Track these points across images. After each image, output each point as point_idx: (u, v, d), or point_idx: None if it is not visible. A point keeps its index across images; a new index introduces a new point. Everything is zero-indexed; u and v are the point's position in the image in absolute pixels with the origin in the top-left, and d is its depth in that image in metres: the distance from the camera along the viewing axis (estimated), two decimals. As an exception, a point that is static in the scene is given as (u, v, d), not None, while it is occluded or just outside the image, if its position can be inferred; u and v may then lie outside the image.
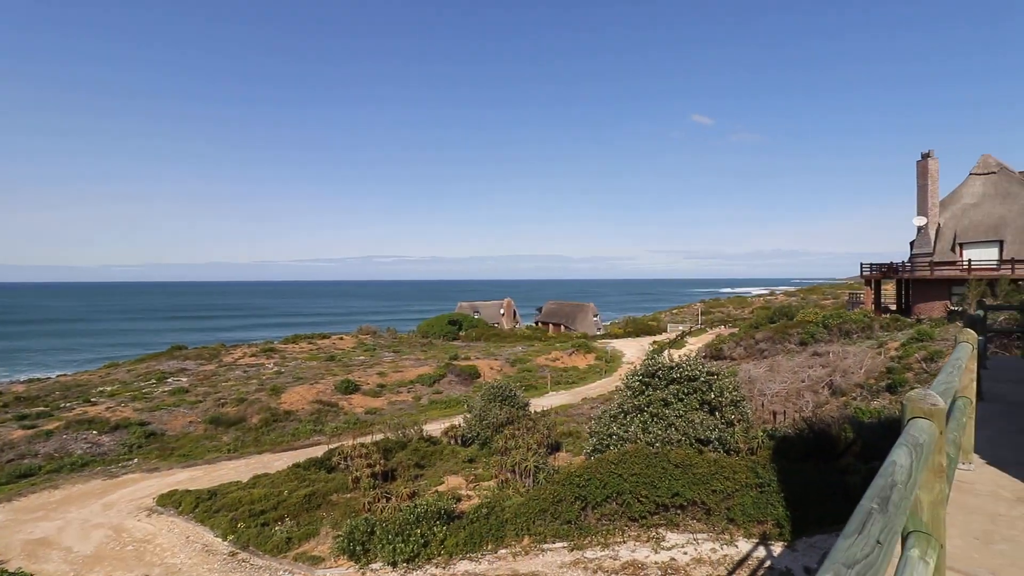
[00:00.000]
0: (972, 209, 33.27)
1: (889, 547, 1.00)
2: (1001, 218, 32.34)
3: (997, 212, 32.67)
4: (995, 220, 32.48)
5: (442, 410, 25.96)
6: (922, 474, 1.68)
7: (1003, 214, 32.37)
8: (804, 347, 20.31)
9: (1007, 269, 28.73)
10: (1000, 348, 16.26)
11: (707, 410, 10.32)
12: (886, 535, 0.99)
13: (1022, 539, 2.70)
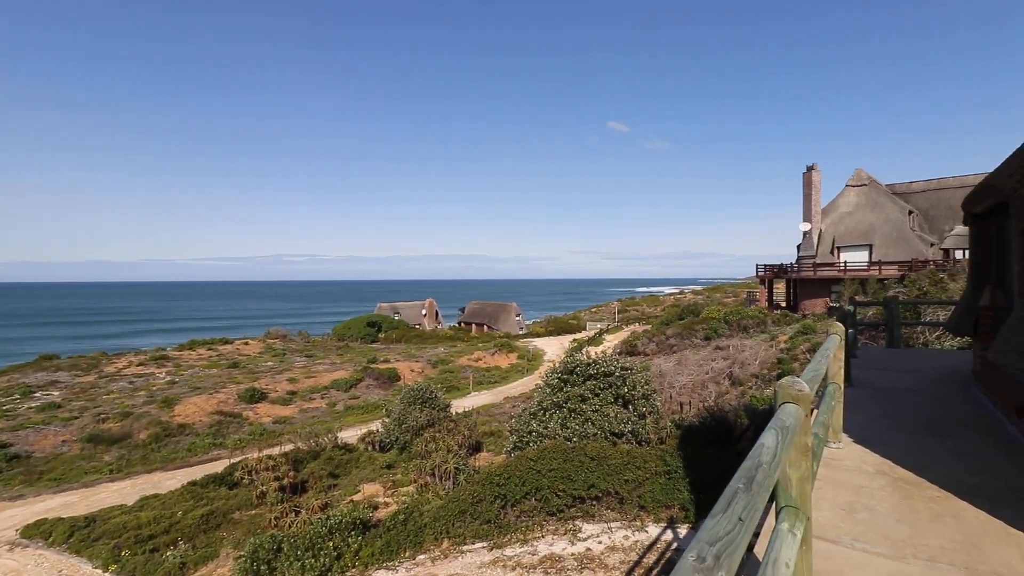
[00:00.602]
0: (847, 217, 37.89)
1: (750, 523, 1.09)
2: (871, 225, 37.15)
3: (868, 220, 37.49)
4: (866, 227, 37.26)
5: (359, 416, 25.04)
6: (790, 453, 1.87)
7: (872, 221, 37.21)
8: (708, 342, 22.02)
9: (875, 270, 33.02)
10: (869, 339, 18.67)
11: (621, 404, 10.83)
12: (748, 512, 1.08)
13: (879, 508, 3.09)
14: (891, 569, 2.44)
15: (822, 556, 2.53)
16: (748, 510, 1.07)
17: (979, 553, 2.59)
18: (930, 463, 3.80)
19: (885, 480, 3.46)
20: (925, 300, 12.50)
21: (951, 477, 3.56)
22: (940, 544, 2.66)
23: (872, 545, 2.65)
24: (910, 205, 38.35)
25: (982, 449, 4.13)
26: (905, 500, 3.16)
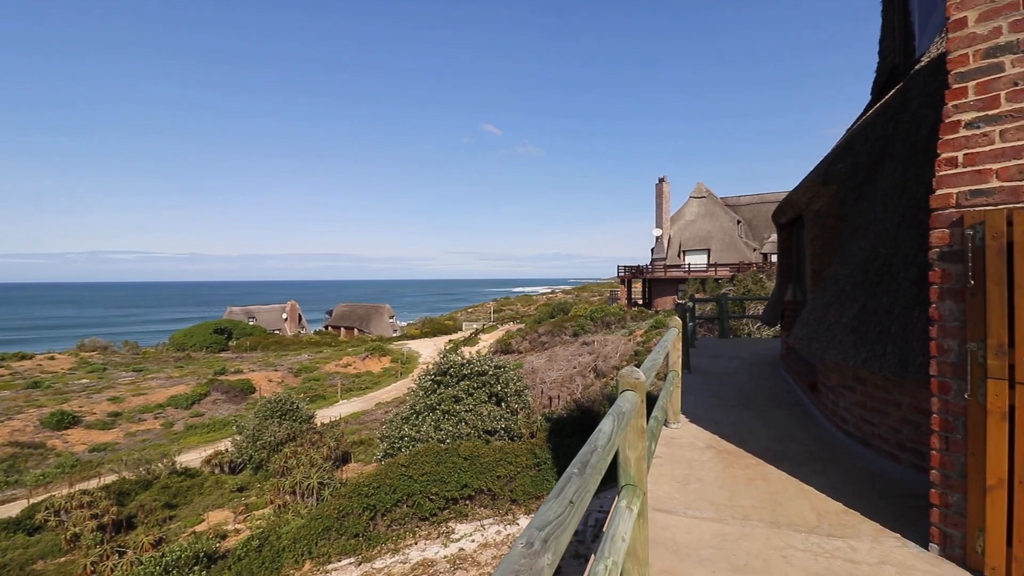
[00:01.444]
0: (691, 224, 43.29)
1: (581, 504, 1.17)
2: (709, 232, 42.89)
3: (707, 228, 43.22)
4: (705, 233, 42.94)
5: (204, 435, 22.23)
6: (628, 436, 2.06)
7: (710, 229, 42.98)
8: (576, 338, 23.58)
9: (713, 271, 38.15)
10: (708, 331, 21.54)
11: (495, 402, 11.08)
12: (579, 494, 1.16)
13: (707, 478, 3.57)
14: (714, 530, 2.83)
15: (660, 526, 2.85)
16: (580, 492, 1.15)
17: (780, 508, 3.12)
18: (747, 435, 4.49)
19: (712, 453, 4.01)
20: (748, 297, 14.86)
21: (763, 446, 4.24)
22: (752, 504, 3.15)
23: (700, 511, 3.05)
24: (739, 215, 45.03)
25: (786, 420, 4.99)
26: (727, 469, 3.70)
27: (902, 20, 6.13)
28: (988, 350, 2.41)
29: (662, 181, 42.30)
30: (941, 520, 2.62)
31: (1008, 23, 2.56)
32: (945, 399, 2.59)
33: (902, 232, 4.01)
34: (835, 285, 4.64)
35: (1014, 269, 2.36)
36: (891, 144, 5.06)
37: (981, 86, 2.62)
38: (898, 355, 3.53)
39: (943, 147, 2.70)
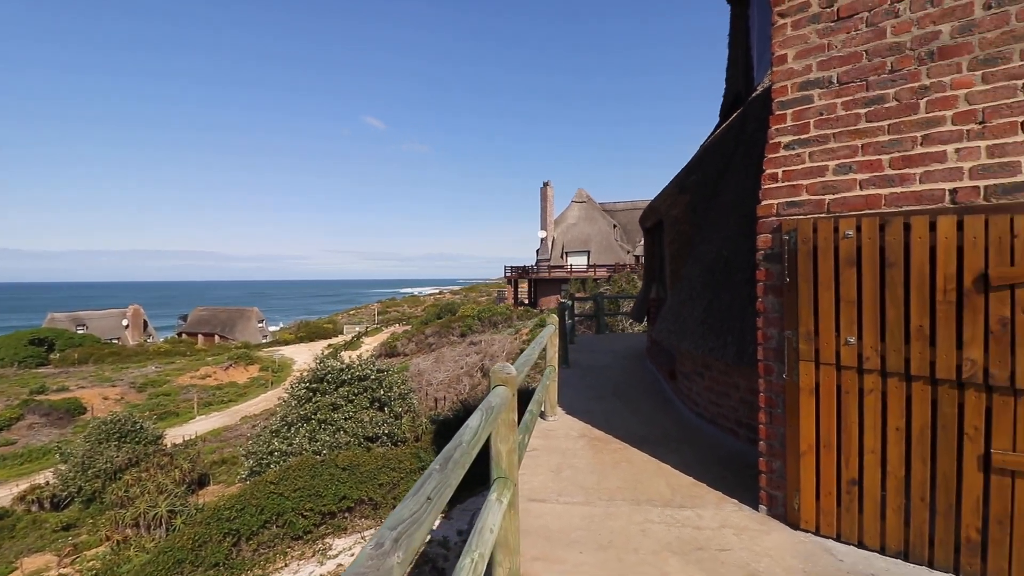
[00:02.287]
0: (573, 227, 45.79)
1: (440, 499, 1.18)
2: (589, 235, 45.71)
3: (587, 231, 46.02)
4: (585, 236, 45.69)
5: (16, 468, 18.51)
6: (499, 430, 2.12)
7: (590, 232, 45.82)
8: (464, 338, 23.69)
9: (592, 271, 40.71)
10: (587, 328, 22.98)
11: (377, 407, 10.70)
12: (439, 490, 1.17)
13: (579, 465, 3.80)
14: (583, 513, 3.02)
15: (534, 515, 2.98)
16: (439, 488, 1.16)
17: (641, 486, 3.43)
18: (617, 422, 4.87)
19: (585, 441, 4.28)
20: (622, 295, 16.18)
21: (630, 431, 4.62)
22: (617, 485, 3.43)
23: (572, 497, 3.24)
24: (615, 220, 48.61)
25: (650, 406, 5.49)
26: (597, 455, 3.98)
27: (744, 54, 7.07)
28: (800, 337, 2.88)
29: (546, 185, 44.20)
30: (767, 484, 3.07)
31: (816, 62, 3.07)
32: (769, 380, 3.05)
33: (740, 238, 4.63)
34: (688, 284, 5.22)
35: (818, 269, 2.85)
36: (733, 160, 5.81)
37: (796, 114, 3.11)
38: (736, 344, 4.07)
39: (767, 164, 3.17)
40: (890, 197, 2.72)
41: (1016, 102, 2.49)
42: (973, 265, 2.43)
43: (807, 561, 2.54)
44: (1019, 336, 2.33)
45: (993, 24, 2.55)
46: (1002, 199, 2.45)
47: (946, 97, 2.65)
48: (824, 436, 2.82)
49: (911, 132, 2.71)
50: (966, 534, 2.46)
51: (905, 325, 2.58)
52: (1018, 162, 2.45)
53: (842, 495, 2.76)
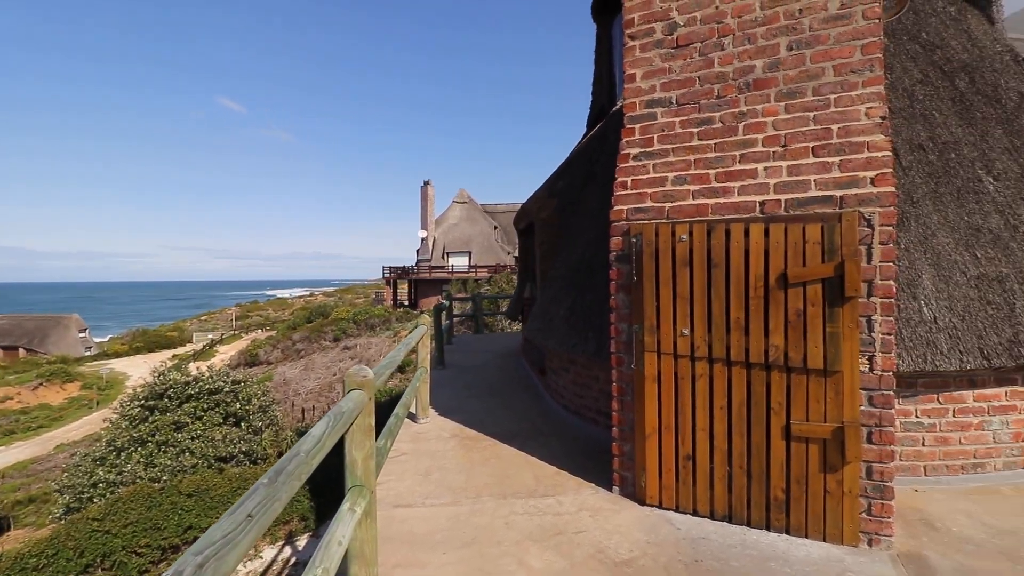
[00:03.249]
0: (454, 228, 45.82)
1: (265, 516, 1.09)
2: (470, 236, 46.09)
3: (468, 231, 46.35)
4: (467, 237, 46.00)
5: None
6: (354, 436, 2.03)
7: (471, 233, 46.22)
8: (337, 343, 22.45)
9: (473, 272, 41.09)
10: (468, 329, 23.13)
11: (232, 423, 9.67)
12: (263, 507, 1.07)
13: (449, 466, 3.79)
14: (449, 513, 3.03)
15: (399, 520, 2.91)
16: (264, 504, 1.07)
17: (508, 480, 3.53)
18: (489, 420, 4.96)
19: (456, 441, 4.30)
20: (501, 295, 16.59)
21: (501, 427, 4.74)
22: (485, 482, 3.49)
23: (439, 498, 3.23)
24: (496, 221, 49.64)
25: (522, 402, 5.68)
26: (467, 454, 4.01)
27: (608, 70, 7.63)
28: (644, 330, 3.19)
29: (427, 184, 43.69)
30: (619, 466, 3.35)
31: (660, 83, 3.40)
32: (620, 370, 3.33)
33: (602, 240, 4.99)
34: (556, 283, 5.51)
35: (659, 269, 3.17)
36: (596, 168, 6.25)
37: (643, 128, 3.43)
38: (596, 340, 4.38)
39: (619, 173, 3.45)
40: (715, 206, 3.12)
41: (809, 130, 3.00)
42: (776, 266, 2.88)
43: (650, 533, 2.82)
44: (809, 325, 2.82)
45: (794, 63, 3.05)
46: (797, 211, 2.94)
47: (758, 122, 3.11)
48: (665, 419, 3.15)
49: (732, 151, 3.14)
50: (774, 494, 2.91)
51: (727, 317, 2.99)
52: (809, 180, 2.95)
53: (680, 470, 3.11)
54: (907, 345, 3.37)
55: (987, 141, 4.21)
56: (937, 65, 4.62)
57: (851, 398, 2.73)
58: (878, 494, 2.73)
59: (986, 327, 3.46)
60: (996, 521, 3.00)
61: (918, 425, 3.55)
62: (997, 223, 3.85)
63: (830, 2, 2.95)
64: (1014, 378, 3.59)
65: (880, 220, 2.74)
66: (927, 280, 3.58)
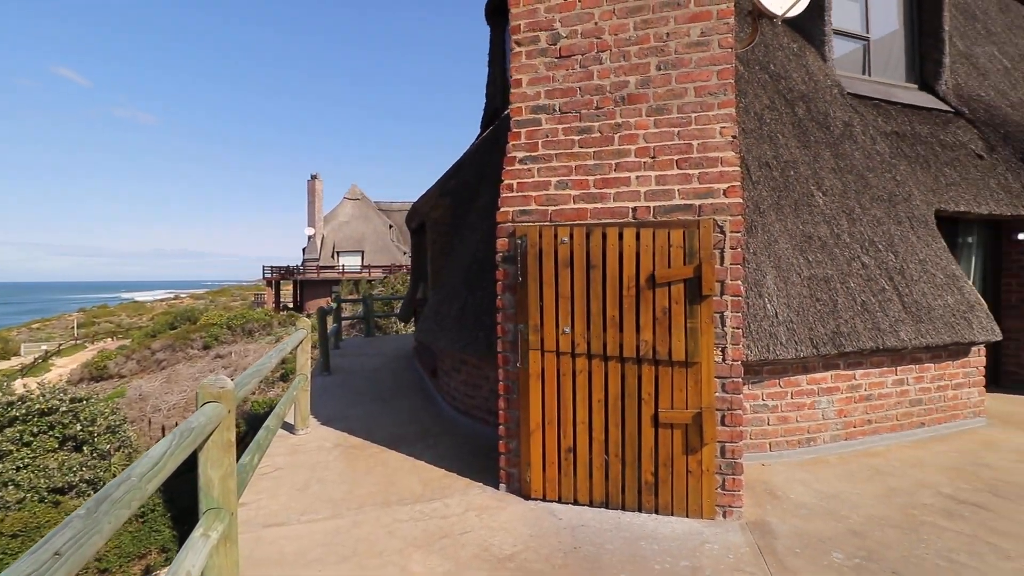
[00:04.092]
0: (345, 225, 43.73)
1: (80, 553, 0.95)
2: (363, 234, 44.29)
3: (361, 229, 44.50)
4: (359, 235, 44.14)
5: None
6: (211, 454, 1.85)
7: (364, 231, 44.43)
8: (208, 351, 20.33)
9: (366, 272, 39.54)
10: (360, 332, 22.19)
11: (72, 447, 8.35)
12: (76, 542, 0.94)
13: (329, 477, 3.61)
14: (328, 528, 2.88)
15: (268, 541, 2.71)
16: (79, 539, 0.92)
17: (393, 487, 3.44)
18: (375, 426, 4.80)
19: (340, 451, 4.10)
20: (395, 297, 16.13)
21: (389, 433, 4.61)
22: (369, 491, 3.37)
23: (317, 513, 3.06)
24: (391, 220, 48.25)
25: (412, 406, 5.58)
26: (351, 463, 3.85)
27: (501, 73, 7.75)
28: (529, 329, 3.29)
29: (314, 178, 41.22)
30: (506, 463, 3.42)
31: (544, 91, 3.53)
32: (507, 369, 3.40)
33: (492, 241, 5.07)
34: (448, 283, 5.49)
35: (543, 270, 3.29)
36: (488, 169, 6.33)
37: (528, 133, 3.54)
38: (487, 340, 4.44)
39: (505, 175, 3.52)
40: (594, 211, 3.32)
41: (674, 144, 3.29)
42: (646, 267, 3.14)
43: (534, 526, 2.92)
44: (673, 321, 3.10)
45: (662, 82, 3.33)
46: (664, 217, 3.22)
47: (632, 134, 3.35)
48: (548, 414, 3.28)
49: (609, 160, 3.36)
50: (645, 478, 3.16)
51: (604, 315, 3.19)
52: (674, 190, 3.25)
53: (562, 463, 3.26)
54: (754, 337, 3.85)
55: (818, 161, 4.95)
56: (782, 93, 5.33)
57: (708, 386, 3.05)
58: (730, 471, 3.09)
59: (815, 320, 4.06)
60: (824, 487, 3.53)
61: (764, 407, 4.07)
62: (824, 232, 4.54)
63: (692, 29, 3.27)
64: (837, 363, 4.26)
65: (731, 227, 3.09)
66: (770, 280, 4.12)
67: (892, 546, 2.76)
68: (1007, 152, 6.22)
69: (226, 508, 1.85)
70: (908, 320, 4.32)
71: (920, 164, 5.67)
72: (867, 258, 4.53)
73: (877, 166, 5.18)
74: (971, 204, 5.59)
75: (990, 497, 3.34)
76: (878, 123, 5.78)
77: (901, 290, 4.46)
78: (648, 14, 3.30)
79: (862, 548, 2.74)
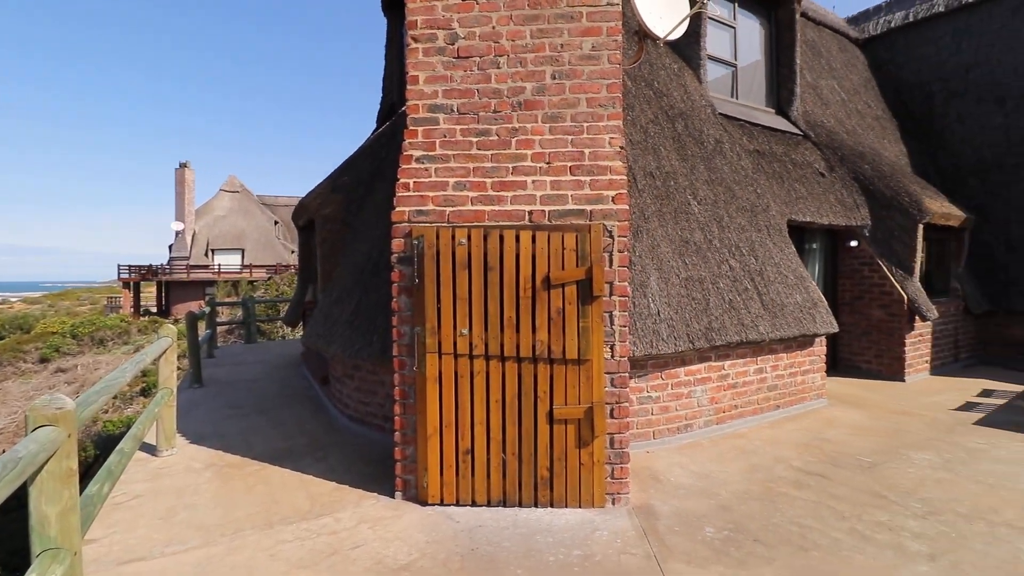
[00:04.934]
0: (222, 220, 39.86)
1: None
2: (243, 230, 40.68)
3: (240, 225, 40.83)
4: (239, 231, 40.49)
5: None
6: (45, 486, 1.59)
7: (244, 227, 40.83)
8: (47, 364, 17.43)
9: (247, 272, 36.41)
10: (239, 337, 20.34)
11: None
12: None
13: (201, 502, 3.27)
14: (198, 558, 2.61)
15: (125, 582, 2.39)
16: None
17: (277, 506, 3.21)
18: (256, 441, 4.44)
19: (213, 472, 3.74)
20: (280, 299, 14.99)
21: (270, 447, 4.28)
22: (248, 513, 3.11)
23: (185, 543, 2.75)
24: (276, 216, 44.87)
25: (299, 416, 5.24)
26: (227, 484, 3.52)
27: (399, 67, 7.55)
28: (426, 332, 3.25)
29: (184, 166, 37.10)
30: (402, 471, 3.35)
31: (443, 90, 3.50)
32: (403, 373, 3.33)
33: (387, 240, 4.92)
34: (340, 284, 5.24)
35: (440, 271, 3.27)
36: (384, 165, 6.15)
37: (426, 132, 3.49)
38: (382, 343, 4.30)
39: (401, 174, 3.44)
40: (491, 213, 3.36)
41: (567, 151, 3.44)
42: (542, 269, 3.24)
43: (431, 532, 2.88)
44: (567, 321, 3.24)
45: (557, 91, 3.46)
46: (558, 221, 3.35)
47: (528, 139, 3.45)
48: (446, 417, 3.27)
49: (506, 163, 3.42)
50: (540, 473, 3.26)
51: (501, 316, 3.24)
52: (567, 195, 3.39)
53: (460, 465, 3.26)
54: (639, 334, 4.15)
55: (694, 173, 5.46)
56: (664, 110, 5.80)
57: (598, 382, 3.23)
58: (619, 460, 3.30)
59: (691, 318, 4.48)
60: (699, 468, 3.91)
61: (648, 399, 4.40)
62: (699, 237, 5.02)
63: (584, 42, 3.45)
64: (709, 356, 4.73)
65: (619, 232, 3.31)
66: (654, 281, 4.47)
67: (754, 517, 3.13)
68: (843, 172, 7.34)
69: (67, 548, 1.59)
70: (766, 316, 4.92)
71: (776, 179, 6.49)
72: (734, 261, 5.08)
73: (742, 180, 5.84)
74: (815, 215, 6.51)
75: (830, 467, 3.92)
76: (743, 141, 6.52)
77: (761, 290, 5.07)
78: (544, 24, 3.42)
79: (730, 521, 3.07)
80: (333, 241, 5.93)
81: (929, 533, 2.94)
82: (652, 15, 4.06)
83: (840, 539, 2.88)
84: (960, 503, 3.31)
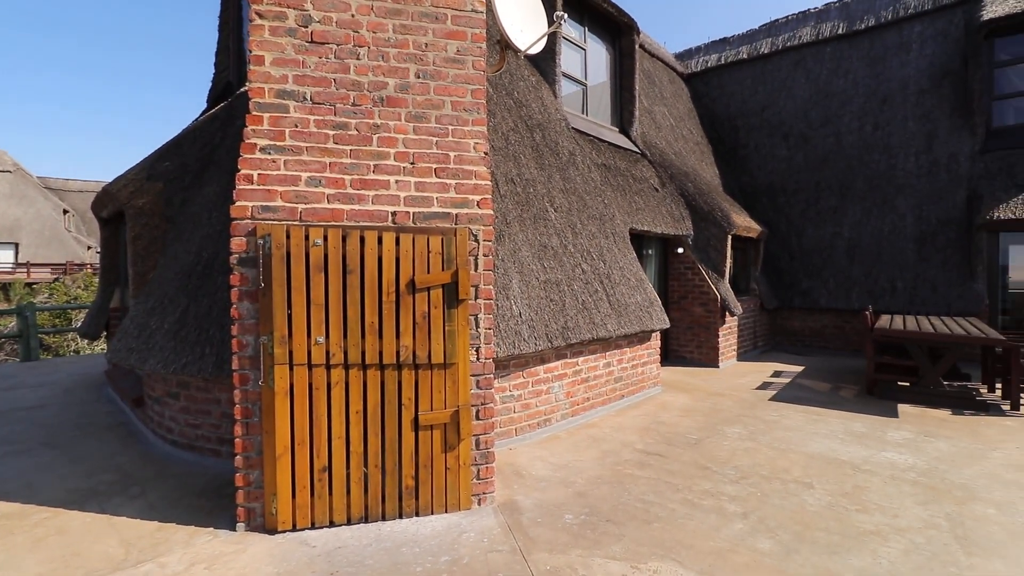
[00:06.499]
0: (-17, 206, 31.85)
1: None
2: (17, 220, 33.00)
3: (13, 213, 33.06)
4: (11, 222, 32.75)
5: None
6: None
7: (20, 216, 33.16)
8: None
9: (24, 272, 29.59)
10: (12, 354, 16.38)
11: None
12: None
13: (-38, 566, 2.56)
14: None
15: None
16: None
17: (78, 560, 2.65)
18: (43, 483, 3.62)
19: (-20, 527, 2.95)
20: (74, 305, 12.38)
21: (66, 488, 3.53)
22: (36, 572, 2.52)
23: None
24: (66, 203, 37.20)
25: (105, 447, 4.40)
26: (4, 539, 2.81)
27: (237, 42, 6.76)
28: (274, 341, 2.96)
29: (-78, 135, 28.91)
30: (245, 498, 3.00)
31: (293, 75, 3.22)
32: (245, 389, 2.99)
33: (223, 238, 4.38)
34: (159, 289, 4.52)
35: (291, 274, 3.01)
36: (217, 152, 5.46)
37: (273, 120, 3.18)
38: (216, 356, 3.82)
39: (243, 164, 3.09)
40: (351, 213, 3.19)
41: (432, 153, 3.40)
42: (406, 272, 3.17)
43: (282, 563, 2.63)
44: (433, 325, 3.21)
45: (421, 91, 3.40)
46: (423, 223, 3.31)
47: (391, 137, 3.34)
48: (299, 434, 3.01)
49: (367, 160, 3.27)
50: (406, 483, 3.18)
51: (362, 322, 3.10)
52: (433, 197, 3.36)
53: (315, 485, 3.03)
54: (503, 336, 4.29)
55: (551, 182, 5.80)
56: (523, 119, 6.07)
57: (464, 384, 3.26)
58: (484, 460, 3.36)
59: (550, 318, 4.75)
60: (557, 459, 4.15)
61: (511, 397, 4.56)
62: (556, 242, 5.35)
63: (449, 45, 3.45)
64: (565, 353, 5.06)
65: (483, 236, 3.37)
66: (515, 284, 4.65)
67: (606, 499, 3.43)
68: (672, 188, 8.41)
69: None
70: (613, 315, 5.43)
71: (620, 191, 7.20)
72: (586, 265, 5.52)
73: (592, 190, 6.38)
74: (651, 225, 7.36)
75: (666, 446, 4.45)
76: (592, 155, 7.12)
77: (608, 291, 5.58)
78: (407, 20, 3.35)
79: (586, 506, 3.32)
80: (150, 238, 5.10)
81: (741, 495, 3.51)
82: (514, 27, 4.22)
83: (676, 509, 3.29)
84: (762, 467, 4.01)
